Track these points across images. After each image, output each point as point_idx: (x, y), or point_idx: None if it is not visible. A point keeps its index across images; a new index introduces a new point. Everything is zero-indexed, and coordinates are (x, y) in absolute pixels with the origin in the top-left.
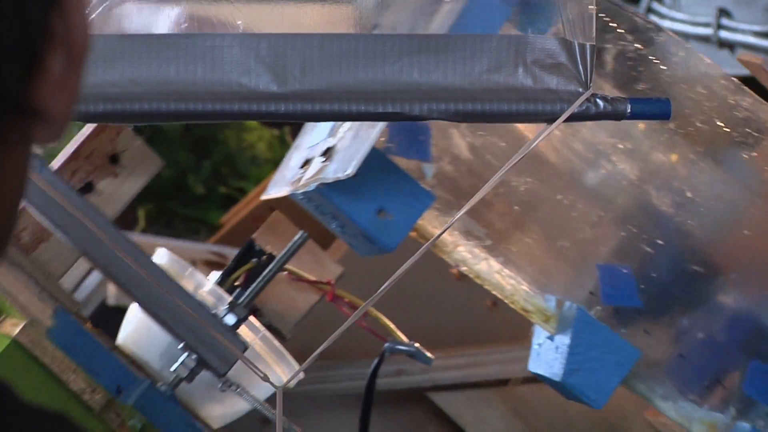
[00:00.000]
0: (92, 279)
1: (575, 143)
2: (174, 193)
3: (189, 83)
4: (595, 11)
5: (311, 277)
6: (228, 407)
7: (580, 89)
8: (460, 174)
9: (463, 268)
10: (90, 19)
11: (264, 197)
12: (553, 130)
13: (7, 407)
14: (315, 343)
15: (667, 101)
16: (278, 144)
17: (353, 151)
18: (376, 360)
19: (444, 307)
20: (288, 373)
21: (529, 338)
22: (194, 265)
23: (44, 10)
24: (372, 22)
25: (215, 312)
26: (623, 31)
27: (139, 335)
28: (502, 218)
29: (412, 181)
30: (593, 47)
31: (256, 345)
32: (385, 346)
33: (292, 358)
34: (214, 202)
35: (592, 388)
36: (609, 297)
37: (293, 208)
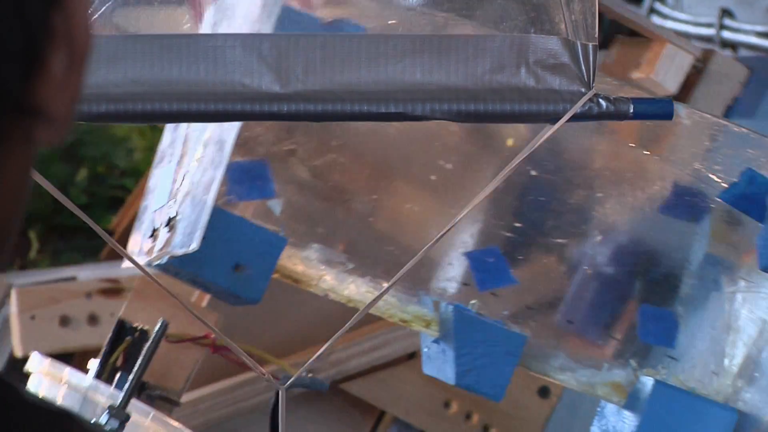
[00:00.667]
0: None
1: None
2: (59, 207)
3: (192, 83)
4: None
5: (190, 335)
6: None
7: (583, 89)
8: (308, 200)
9: (332, 296)
10: (92, 19)
11: (124, 266)
12: (555, 130)
13: (12, 404)
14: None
15: (669, 101)
16: (149, 129)
17: (194, 221)
18: (271, 402)
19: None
20: None
21: None
22: (89, 297)
23: (46, 10)
24: None
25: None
26: None
27: None
28: (358, 236)
29: (260, 229)
30: (596, 47)
31: (150, 429)
32: (278, 387)
33: (187, 429)
34: (100, 207)
35: (487, 384)
36: (484, 283)
37: None
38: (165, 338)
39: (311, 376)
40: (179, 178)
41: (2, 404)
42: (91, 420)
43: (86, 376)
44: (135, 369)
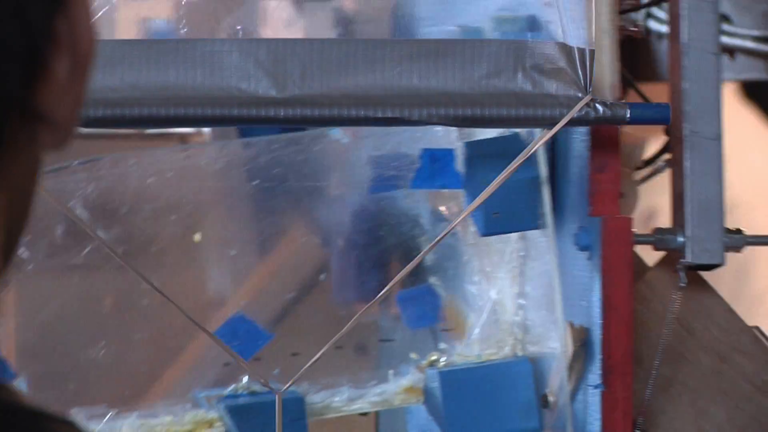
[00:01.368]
0: None
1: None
2: None
3: (188, 88)
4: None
5: None
6: None
7: (580, 94)
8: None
9: None
10: (95, 24)
11: None
12: (552, 134)
13: (10, 409)
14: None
15: (666, 106)
16: None
17: None
18: None
19: None
20: None
21: None
22: None
23: (48, 15)
24: None
25: None
26: None
27: None
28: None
29: None
30: (592, 52)
31: None
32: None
33: None
34: None
35: None
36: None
37: None
38: None
39: None
40: None
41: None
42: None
43: None
44: None
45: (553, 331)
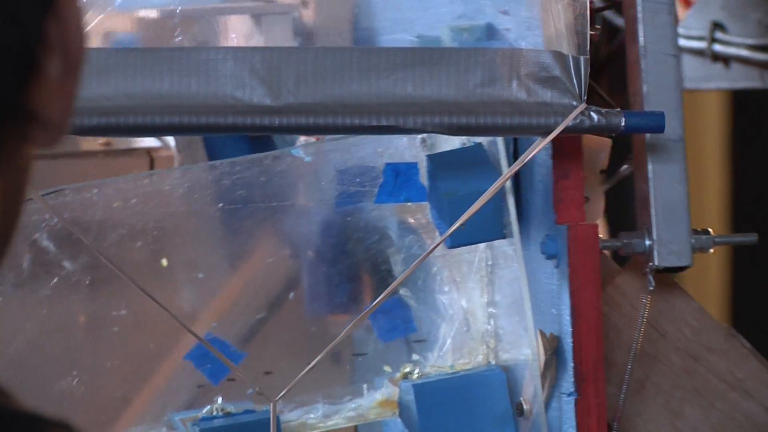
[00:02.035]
0: None
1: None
2: None
3: (183, 97)
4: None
5: None
6: None
7: (574, 102)
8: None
9: None
10: (86, 26)
11: None
12: (547, 143)
13: (9, 414)
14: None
15: (661, 114)
16: None
17: None
18: None
19: None
20: None
21: None
22: None
23: (40, 17)
24: None
25: None
26: None
27: None
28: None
29: None
30: (587, 60)
31: None
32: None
33: None
34: None
35: None
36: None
37: None
38: None
39: None
40: None
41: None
42: None
43: None
44: None
45: (525, 339)
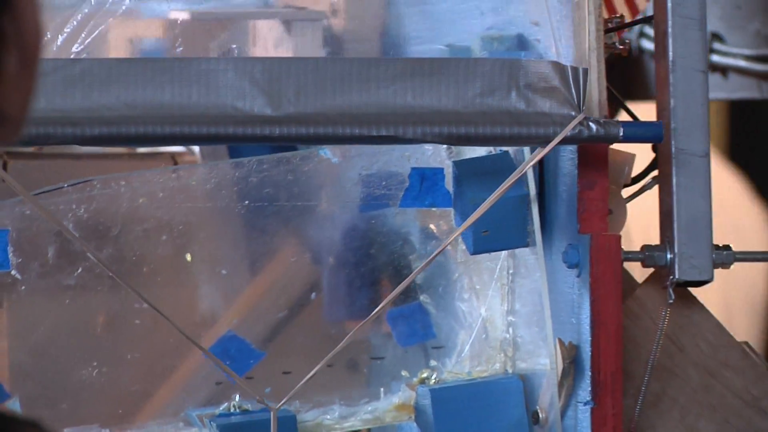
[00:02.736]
0: None
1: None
2: None
3: (184, 107)
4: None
5: None
6: None
7: (573, 112)
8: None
9: None
10: (42, 20)
11: None
12: (546, 152)
13: None
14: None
15: (658, 124)
16: None
17: None
18: None
19: None
20: None
21: None
22: None
23: None
24: None
25: None
26: None
27: None
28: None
29: None
30: (585, 71)
31: None
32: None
33: None
34: None
35: None
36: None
37: None
38: None
39: None
40: None
41: None
42: None
43: None
44: None
45: (543, 348)
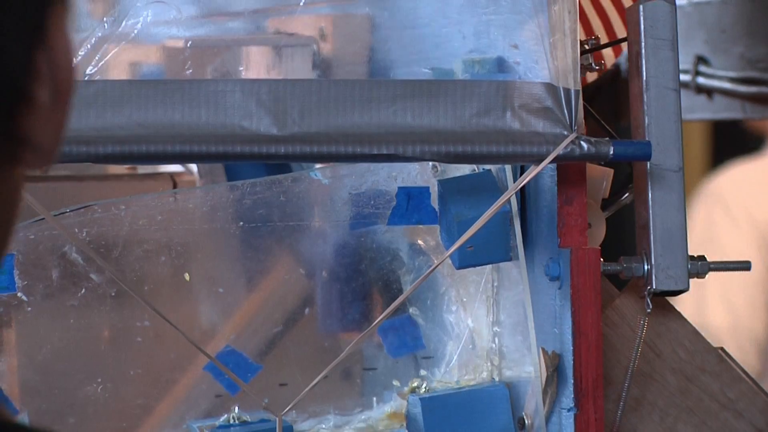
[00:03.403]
0: None
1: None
2: None
3: (193, 126)
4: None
5: None
6: None
7: (565, 132)
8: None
9: None
10: (75, 56)
11: None
12: (540, 170)
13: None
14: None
15: (647, 143)
16: None
17: None
18: None
19: None
20: None
21: None
22: None
23: (29, 50)
24: None
25: None
26: None
27: None
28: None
29: None
30: (578, 92)
31: None
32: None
33: None
34: None
35: None
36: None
37: None
38: None
39: None
40: None
41: None
42: None
43: None
44: None
45: (528, 357)
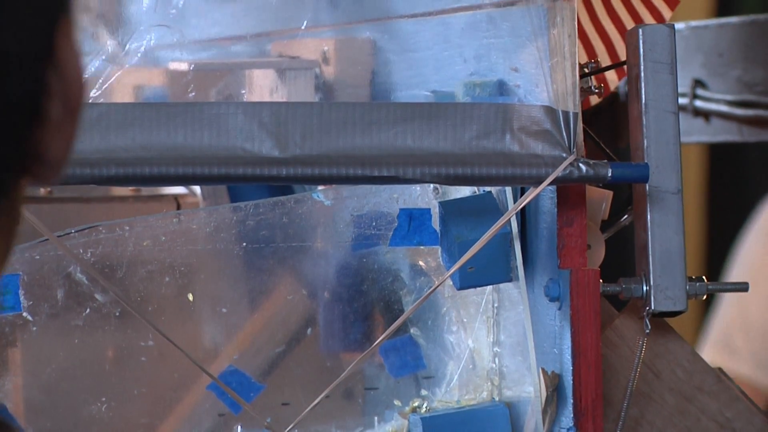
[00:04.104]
0: None
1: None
2: None
3: (196, 148)
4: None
5: None
6: None
7: (564, 154)
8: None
9: None
10: (84, 74)
11: None
12: (539, 192)
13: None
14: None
15: (645, 166)
16: None
17: None
18: None
19: None
20: None
21: None
22: None
23: (40, 68)
24: None
25: None
26: None
27: None
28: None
29: None
30: (576, 115)
31: None
32: None
33: None
34: None
35: None
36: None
37: None
38: None
39: None
40: None
41: None
42: None
43: None
44: None
45: (528, 377)
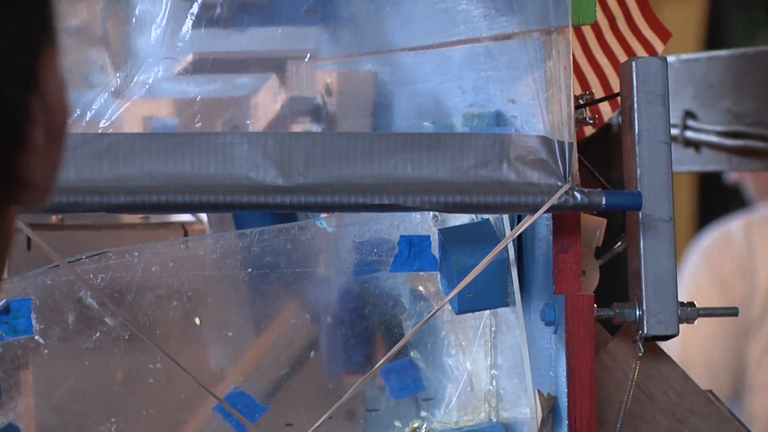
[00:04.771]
0: None
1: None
2: None
3: (202, 177)
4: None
5: None
6: None
7: (560, 183)
8: None
9: None
10: (68, 99)
11: None
12: (535, 219)
13: None
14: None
15: (638, 194)
16: None
17: None
18: None
19: None
20: None
21: None
22: None
23: (23, 94)
24: None
25: None
26: None
27: None
28: None
29: None
30: (571, 145)
31: None
32: None
33: None
34: None
35: None
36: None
37: None
38: None
39: None
40: None
41: None
42: None
43: None
44: None
45: (524, 399)
